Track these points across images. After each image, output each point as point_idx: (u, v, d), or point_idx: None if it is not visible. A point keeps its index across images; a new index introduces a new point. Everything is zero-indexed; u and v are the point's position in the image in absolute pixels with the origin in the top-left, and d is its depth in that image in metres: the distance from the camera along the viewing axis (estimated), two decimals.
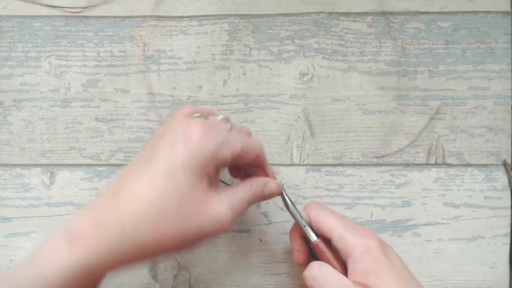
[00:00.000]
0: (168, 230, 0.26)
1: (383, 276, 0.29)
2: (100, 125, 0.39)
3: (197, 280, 0.38)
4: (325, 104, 0.39)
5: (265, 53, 0.39)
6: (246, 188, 0.31)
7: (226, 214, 0.28)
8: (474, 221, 0.38)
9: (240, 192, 0.30)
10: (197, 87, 0.39)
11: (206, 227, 0.27)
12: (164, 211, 0.26)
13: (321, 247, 0.33)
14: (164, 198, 0.26)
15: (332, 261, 0.32)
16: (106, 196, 0.28)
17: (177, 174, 0.26)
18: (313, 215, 0.33)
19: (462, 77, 0.39)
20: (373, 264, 0.30)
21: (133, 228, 0.26)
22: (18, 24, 0.39)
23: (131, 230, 0.26)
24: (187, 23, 0.39)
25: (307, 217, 0.34)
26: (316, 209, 0.34)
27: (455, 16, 0.39)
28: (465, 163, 0.39)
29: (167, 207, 0.26)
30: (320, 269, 0.31)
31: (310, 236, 0.33)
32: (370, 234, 0.31)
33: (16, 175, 0.39)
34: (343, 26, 0.39)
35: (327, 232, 0.32)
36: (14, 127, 0.39)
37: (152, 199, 0.26)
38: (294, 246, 0.34)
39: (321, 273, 0.31)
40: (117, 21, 0.39)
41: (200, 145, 0.27)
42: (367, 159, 0.39)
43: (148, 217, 0.26)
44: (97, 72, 0.39)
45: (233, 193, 0.29)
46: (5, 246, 0.39)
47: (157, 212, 0.26)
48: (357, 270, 0.30)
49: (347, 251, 0.31)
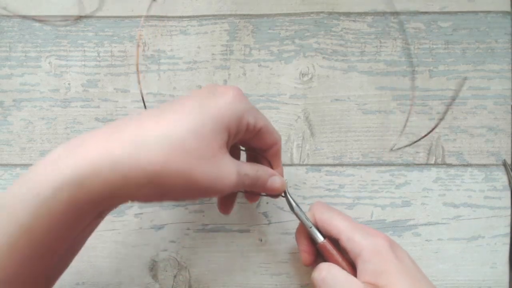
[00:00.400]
0: (178, 163, 0.24)
1: (394, 276, 0.29)
2: (100, 125, 0.39)
3: (197, 280, 0.38)
4: (325, 104, 0.39)
5: (265, 53, 0.39)
6: (253, 169, 0.30)
7: (232, 175, 0.27)
8: (474, 221, 0.38)
9: (247, 167, 0.30)
10: (197, 87, 0.39)
11: (211, 178, 0.26)
12: (182, 143, 0.25)
13: (329, 247, 0.32)
14: (186, 131, 0.25)
15: (340, 262, 0.32)
16: (130, 117, 0.26)
17: (206, 117, 0.26)
18: (319, 216, 0.33)
19: (462, 77, 0.39)
20: (384, 264, 0.29)
21: (146, 147, 0.24)
22: (18, 24, 0.39)
23: (142, 149, 0.24)
24: (187, 23, 0.39)
25: (313, 218, 0.33)
26: (322, 210, 0.33)
27: (455, 16, 0.39)
28: (465, 163, 0.39)
29: (186, 141, 0.25)
30: (330, 271, 0.31)
31: (317, 237, 0.33)
32: (379, 234, 0.31)
33: (16, 175, 0.39)
34: (343, 26, 0.39)
35: (335, 234, 0.32)
36: (14, 127, 0.39)
37: (175, 127, 0.25)
38: (301, 247, 0.34)
39: (331, 274, 0.30)
40: (117, 21, 0.39)
41: (234, 101, 0.27)
42: (367, 159, 0.39)
43: (165, 142, 0.24)
44: (97, 72, 0.39)
45: (241, 165, 0.29)
46: None
47: (175, 141, 0.25)
48: (367, 271, 0.30)
49: (357, 252, 0.30)
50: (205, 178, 0.26)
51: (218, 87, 0.29)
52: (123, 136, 0.24)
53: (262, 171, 0.31)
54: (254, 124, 0.29)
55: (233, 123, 0.27)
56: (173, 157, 0.24)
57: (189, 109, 0.26)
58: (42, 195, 0.22)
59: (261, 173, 0.31)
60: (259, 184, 0.31)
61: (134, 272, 0.38)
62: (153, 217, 0.39)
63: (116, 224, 0.39)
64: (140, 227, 0.39)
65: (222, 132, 0.27)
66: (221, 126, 0.26)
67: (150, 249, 0.39)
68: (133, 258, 0.39)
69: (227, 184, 0.27)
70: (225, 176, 0.27)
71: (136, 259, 0.39)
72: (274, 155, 0.33)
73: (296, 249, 0.38)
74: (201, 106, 0.26)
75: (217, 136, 0.26)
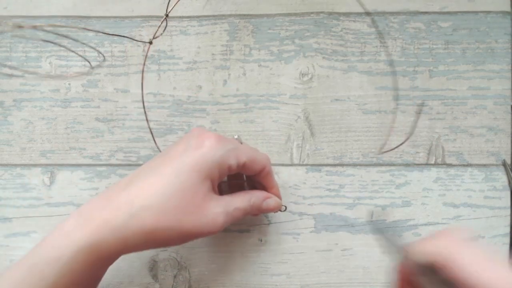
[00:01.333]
0: (168, 221, 0.28)
1: None
2: (100, 125, 0.39)
3: (197, 280, 0.38)
4: (325, 104, 0.39)
5: (265, 53, 0.39)
6: (245, 199, 0.33)
7: (221, 218, 0.30)
8: (474, 221, 0.38)
9: (238, 201, 0.32)
10: (197, 87, 0.39)
11: (199, 226, 0.29)
12: (167, 203, 0.28)
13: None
14: (169, 192, 0.29)
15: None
16: (119, 185, 0.30)
17: (184, 174, 0.29)
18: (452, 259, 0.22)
19: (462, 77, 0.39)
20: None
21: (138, 214, 0.28)
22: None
23: (136, 216, 0.28)
24: (187, 23, 0.39)
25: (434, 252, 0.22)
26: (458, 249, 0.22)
27: (455, 16, 0.39)
28: (465, 163, 0.39)
29: (170, 201, 0.29)
30: None
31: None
32: None
33: (16, 175, 0.39)
34: (343, 26, 0.39)
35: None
36: (15, 127, 0.39)
37: (158, 191, 0.29)
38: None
39: None
40: (117, 21, 0.39)
41: (209, 151, 0.30)
42: (367, 159, 0.39)
43: (153, 206, 0.28)
44: (97, 72, 0.39)
45: (231, 201, 0.32)
46: (5, 246, 0.39)
47: (161, 203, 0.28)
48: None
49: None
50: (193, 227, 0.29)
51: (193, 138, 0.31)
52: (117, 206, 0.29)
53: (255, 197, 0.33)
54: (236, 164, 0.31)
55: (214, 170, 0.30)
56: (161, 217, 0.28)
57: (169, 170, 0.29)
58: (64, 258, 0.27)
59: (254, 199, 0.33)
60: (254, 210, 0.33)
61: (134, 272, 0.38)
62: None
63: None
64: None
65: (203, 182, 0.30)
66: (201, 178, 0.29)
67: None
68: (133, 258, 0.39)
69: (216, 226, 0.30)
70: (212, 220, 0.30)
71: (136, 259, 0.39)
72: (265, 177, 0.34)
73: (296, 249, 0.38)
74: (180, 164, 0.29)
75: (199, 188, 0.29)
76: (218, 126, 0.39)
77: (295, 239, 0.38)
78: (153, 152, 0.39)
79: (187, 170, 0.29)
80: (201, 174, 0.29)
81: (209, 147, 0.30)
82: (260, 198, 0.34)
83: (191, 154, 0.30)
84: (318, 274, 0.38)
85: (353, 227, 0.38)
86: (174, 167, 0.29)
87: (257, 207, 0.33)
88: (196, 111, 0.39)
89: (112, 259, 0.30)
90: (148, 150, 0.39)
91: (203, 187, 0.30)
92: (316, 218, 0.38)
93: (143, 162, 0.39)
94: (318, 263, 0.38)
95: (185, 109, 0.39)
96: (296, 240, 0.38)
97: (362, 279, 0.38)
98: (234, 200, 0.32)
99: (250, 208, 0.33)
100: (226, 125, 0.39)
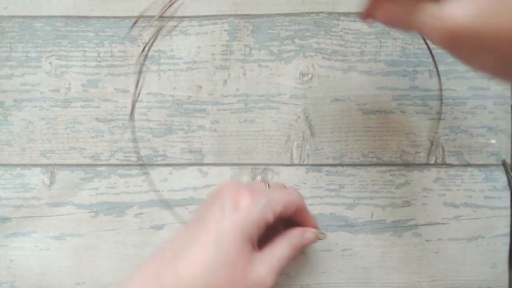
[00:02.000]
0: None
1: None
2: (100, 125, 0.39)
3: None
4: (325, 104, 0.39)
5: (265, 53, 0.39)
6: (285, 246, 0.32)
7: (268, 278, 0.29)
8: (474, 221, 0.38)
9: (279, 251, 0.31)
10: (197, 87, 0.39)
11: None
12: (215, 276, 0.28)
13: None
14: (215, 264, 0.28)
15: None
16: (165, 258, 0.30)
17: (226, 242, 0.29)
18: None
19: (462, 77, 0.39)
20: None
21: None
22: (19, 25, 0.39)
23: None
24: (187, 23, 0.39)
25: None
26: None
27: None
28: (465, 163, 0.39)
29: (218, 273, 0.28)
30: None
31: None
32: None
33: (16, 175, 0.39)
34: (343, 26, 0.39)
35: None
36: (15, 127, 0.39)
37: (204, 264, 0.28)
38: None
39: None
40: (117, 21, 0.39)
41: (247, 212, 0.30)
42: (367, 159, 0.39)
43: (202, 282, 0.28)
44: (97, 72, 0.39)
45: (272, 253, 0.31)
46: (5, 246, 0.39)
47: (209, 277, 0.28)
48: None
49: None
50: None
51: (227, 198, 0.30)
52: (167, 281, 0.29)
53: (294, 237, 0.33)
54: (273, 217, 0.30)
55: (253, 231, 0.29)
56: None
57: (211, 239, 0.29)
58: None
59: (294, 240, 0.32)
60: (297, 250, 0.32)
61: None
62: (153, 217, 0.39)
63: (116, 224, 0.39)
64: (140, 227, 0.39)
65: (245, 246, 0.29)
66: (243, 242, 0.29)
67: (150, 249, 0.39)
68: (133, 258, 0.39)
69: (268, 284, 0.29)
70: (262, 282, 0.29)
71: (136, 259, 0.39)
72: (301, 215, 0.34)
73: None
74: (220, 231, 0.29)
75: (242, 253, 0.29)
76: (218, 126, 0.39)
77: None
78: (153, 152, 0.39)
79: (229, 237, 0.29)
80: (242, 238, 0.29)
81: (246, 208, 0.30)
82: (298, 236, 0.33)
83: (229, 218, 0.29)
84: (318, 274, 0.38)
85: (353, 227, 0.38)
86: (215, 233, 0.29)
87: (299, 246, 0.33)
88: (196, 111, 0.39)
89: None
90: (149, 150, 0.39)
91: (246, 250, 0.29)
92: (316, 218, 0.38)
93: (143, 162, 0.39)
94: (318, 263, 0.38)
95: (185, 109, 0.39)
96: None
97: (362, 279, 0.38)
98: (275, 251, 0.31)
99: (293, 250, 0.32)
100: (226, 125, 0.39)
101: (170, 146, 0.39)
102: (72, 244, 0.39)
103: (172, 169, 0.39)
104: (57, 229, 0.39)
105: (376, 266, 0.38)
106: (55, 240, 0.38)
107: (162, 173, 0.39)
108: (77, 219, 0.38)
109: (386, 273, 0.38)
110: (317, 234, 0.35)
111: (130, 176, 0.39)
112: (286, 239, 0.32)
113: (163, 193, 0.39)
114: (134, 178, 0.39)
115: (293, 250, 0.32)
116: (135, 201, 0.39)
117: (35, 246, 0.39)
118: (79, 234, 0.38)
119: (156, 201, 0.39)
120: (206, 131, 0.39)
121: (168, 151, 0.39)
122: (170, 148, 0.39)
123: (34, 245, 0.39)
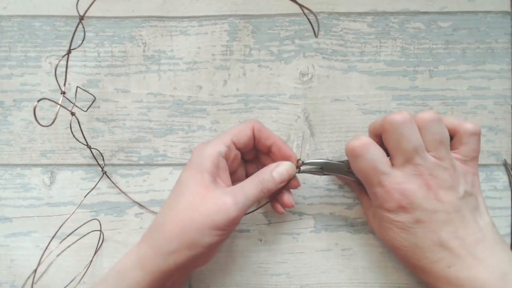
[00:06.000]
0: (185, 222, 0.30)
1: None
2: (100, 125, 0.39)
3: (197, 280, 0.38)
4: (325, 104, 0.39)
5: (265, 53, 0.39)
6: (254, 182, 0.32)
7: (232, 208, 0.30)
8: None
9: (246, 186, 0.32)
10: (197, 87, 0.39)
11: (212, 215, 0.30)
12: (178, 206, 0.31)
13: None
14: (176, 198, 0.31)
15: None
16: (153, 227, 0.33)
17: (182, 178, 0.32)
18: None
19: (462, 77, 0.39)
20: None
21: (167, 244, 0.30)
22: (18, 24, 0.39)
23: (166, 247, 0.30)
24: (187, 24, 0.39)
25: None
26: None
27: (455, 16, 0.39)
28: None
29: (179, 202, 0.31)
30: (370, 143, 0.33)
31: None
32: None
33: (16, 175, 0.39)
34: (343, 26, 0.39)
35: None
36: (15, 127, 0.39)
37: (170, 203, 0.32)
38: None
39: (370, 145, 0.33)
40: (118, 21, 0.39)
41: (199, 152, 0.32)
42: None
43: (168, 208, 0.32)
44: (98, 73, 0.39)
45: (240, 188, 0.32)
46: (6, 246, 0.39)
47: (173, 210, 0.31)
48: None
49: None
50: (209, 219, 0.30)
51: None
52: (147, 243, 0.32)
53: (263, 173, 0.33)
54: (226, 147, 0.32)
55: (207, 163, 0.31)
56: (180, 224, 0.30)
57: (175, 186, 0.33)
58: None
59: (263, 176, 0.32)
60: (269, 186, 0.32)
61: None
62: (153, 217, 0.39)
63: (116, 224, 0.39)
64: (141, 227, 0.39)
65: (201, 176, 0.31)
66: (197, 172, 0.31)
67: None
68: None
69: (228, 207, 0.30)
70: (222, 205, 0.30)
71: None
72: (279, 150, 0.34)
73: (296, 249, 0.38)
74: (179, 177, 0.33)
75: (198, 181, 0.31)
76: (218, 126, 0.39)
77: (295, 239, 0.38)
78: (153, 152, 0.39)
79: (185, 173, 0.32)
80: (198, 168, 0.31)
81: (196, 149, 0.33)
82: (267, 173, 0.32)
83: (187, 167, 0.32)
84: (318, 274, 0.38)
85: (353, 227, 0.38)
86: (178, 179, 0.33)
87: (270, 182, 0.32)
88: (196, 111, 0.39)
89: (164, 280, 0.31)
90: (149, 150, 0.39)
91: (204, 179, 0.31)
92: (316, 218, 0.38)
93: (144, 162, 0.39)
94: (318, 263, 0.38)
95: (185, 109, 0.39)
96: (296, 240, 0.38)
97: (362, 279, 0.38)
98: (243, 187, 0.32)
99: (262, 186, 0.32)
100: (226, 125, 0.39)
101: (171, 146, 0.39)
102: (72, 244, 0.39)
103: (173, 169, 0.39)
104: (57, 229, 0.39)
105: (376, 266, 0.38)
106: (55, 240, 0.38)
107: (163, 173, 0.39)
108: (77, 219, 0.38)
109: (386, 273, 0.38)
110: (290, 166, 0.33)
111: (131, 176, 0.39)
112: (255, 176, 0.33)
113: (163, 193, 0.39)
114: (135, 178, 0.39)
115: (262, 186, 0.32)
116: (135, 201, 0.39)
117: (36, 246, 0.39)
118: (79, 234, 0.38)
119: (157, 201, 0.39)
120: (207, 131, 0.39)
121: (169, 151, 0.39)
122: (171, 148, 0.39)
123: (35, 245, 0.39)
